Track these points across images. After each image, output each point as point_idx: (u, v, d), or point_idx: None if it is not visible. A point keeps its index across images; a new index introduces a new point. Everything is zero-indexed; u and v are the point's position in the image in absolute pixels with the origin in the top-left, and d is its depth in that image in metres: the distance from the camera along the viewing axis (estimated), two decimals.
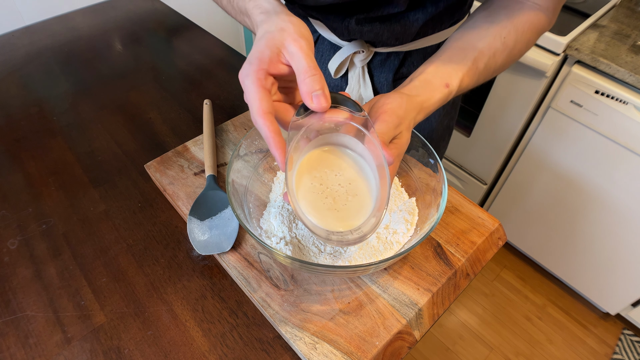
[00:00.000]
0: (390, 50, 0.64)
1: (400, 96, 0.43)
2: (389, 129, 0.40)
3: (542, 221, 1.41)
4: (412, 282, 0.49)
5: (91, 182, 0.63)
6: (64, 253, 0.54)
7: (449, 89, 0.47)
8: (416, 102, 0.44)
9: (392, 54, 0.65)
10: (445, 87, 0.46)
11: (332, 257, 0.48)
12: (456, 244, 0.53)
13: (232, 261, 0.50)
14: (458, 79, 0.47)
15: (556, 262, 1.47)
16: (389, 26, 0.59)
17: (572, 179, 1.24)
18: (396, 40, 0.61)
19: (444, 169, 0.49)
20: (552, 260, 1.48)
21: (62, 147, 0.69)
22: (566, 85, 1.11)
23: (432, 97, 0.46)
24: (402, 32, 0.60)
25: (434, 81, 0.46)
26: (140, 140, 0.70)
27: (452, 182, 1.62)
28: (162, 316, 0.48)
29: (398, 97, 0.43)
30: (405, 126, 0.42)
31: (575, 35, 1.07)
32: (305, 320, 0.45)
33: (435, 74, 0.47)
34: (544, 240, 1.45)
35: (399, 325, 0.45)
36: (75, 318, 0.48)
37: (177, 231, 0.57)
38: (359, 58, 0.64)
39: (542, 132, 1.24)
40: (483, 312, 1.50)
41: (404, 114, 0.42)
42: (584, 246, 1.33)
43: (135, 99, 0.79)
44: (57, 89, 0.80)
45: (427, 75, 0.47)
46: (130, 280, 0.52)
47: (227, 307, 0.49)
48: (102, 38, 0.94)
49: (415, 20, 0.58)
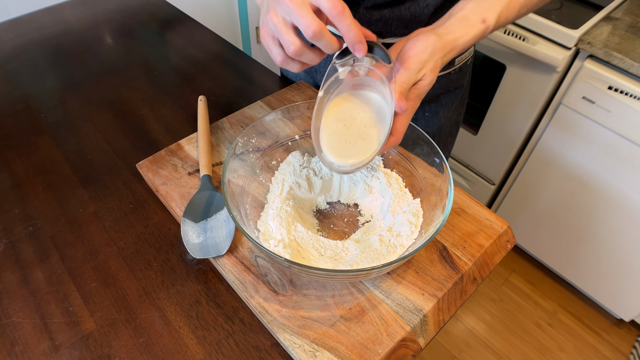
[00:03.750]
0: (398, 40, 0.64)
1: (427, 38, 0.45)
2: (410, 77, 0.44)
3: (552, 223, 1.41)
4: (417, 287, 0.49)
5: (80, 182, 0.63)
6: (51, 257, 0.54)
7: (485, 24, 0.49)
8: (447, 41, 0.46)
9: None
10: (482, 22, 0.48)
11: (332, 261, 0.48)
12: (463, 247, 0.53)
13: (228, 265, 0.50)
14: (496, 14, 0.49)
15: (567, 266, 1.47)
16: (398, 14, 0.59)
17: (584, 178, 1.24)
18: (405, 29, 0.62)
19: (449, 169, 0.49)
20: (563, 264, 1.48)
21: (50, 146, 0.69)
22: (578, 80, 1.11)
23: (467, 34, 0.48)
24: (411, 19, 0.60)
25: (471, 17, 0.48)
26: (132, 139, 0.70)
27: (459, 182, 1.62)
28: (154, 323, 0.48)
29: (425, 39, 0.45)
30: (429, 68, 0.45)
31: (587, 29, 1.07)
32: (304, 327, 0.45)
33: (474, 10, 0.49)
34: (554, 243, 1.45)
35: (402, 332, 0.45)
36: (64, 325, 0.48)
37: (171, 234, 0.57)
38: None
39: (553, 130, 1.24)
40: (491, 318, 1.49)
41: (428, 57, 0.44)
42: (596, 249, 1.33)
43: (126, 95, 0.79)
44: (45, 84, 0.80)
45: (465, 12, 0.49)
46: (121, 285, 0.51)
47: (223, 313, 0.49)
48: (92, 31, 0.94)
49: (425, 7, 0.59)
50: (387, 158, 0.60)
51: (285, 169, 0.58)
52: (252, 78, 0.83)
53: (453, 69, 0.71)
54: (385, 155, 0.60)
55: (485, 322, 1.49)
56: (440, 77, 0.71)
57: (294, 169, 0.58)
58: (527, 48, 1.15)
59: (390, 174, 0.58)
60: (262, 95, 0.76)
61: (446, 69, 0.70)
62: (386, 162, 0.60)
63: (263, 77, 0.84)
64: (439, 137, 0.79)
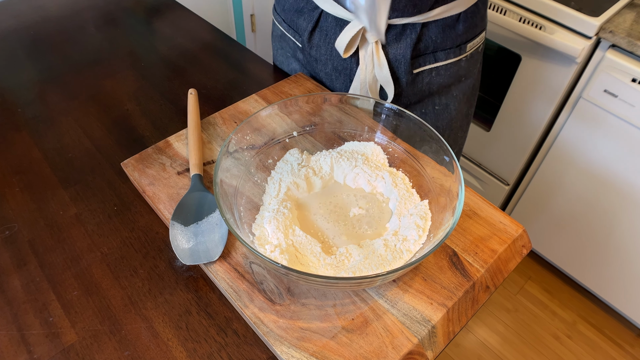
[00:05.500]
0: (406, 21, 0.64)
1: None
2: None
3: (572, 227, 1.41)
4: (425, 295, 0.49)
5: (60, 183, 0.63)
6: (29, 263, 0.54)
7: None
8: None
9: (407, 27, 0.65)
10: None
11: (333, 268, 0.48)
12: (474, 253, 0.53)
13: (220, 272, 0.50)
14: None
15: (588, 273, 1.47)
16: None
17: (605, 178, 1.24)
18: (414, 8, 0.62)
19: (460, 168, 0.49)
20: (583, 271, 1.49)
21: (28, 143, 0.69)
22: (599, 72, 1.11)
23: None
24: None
25: None
26: (116, 135, 0.70)
27: (470, 183, 1.62)
28: (141, 334, 0.48)
29: None
30: None
31: (609, 16, 1.08)
32: (303, 339, 0.45)
33: None
34: (574, 248, 1.45)
35: (409, 344, 0.45)
36: (43, 337, 0.48)
37: (158, 238, 0.57)
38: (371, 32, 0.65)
39: (572, 126, 1.24)
40: (505, 329, 1.50)
41: None
42: (619, 255, 1.33)
43: (110, 88, 0.79)
44: (22, 76, 0.80)
45: None
46: (105, 293, 0.52)
47: (215, 324, 0.49)
48: (73, 19, 0.94)
49: None
50: (392, 156, 0.60)
51: (283, 168, 0.58)
52: (246, 70, 0.83)
53: (464, 55, 0.71)
54: (391, 153, 0.60)
55: (498, 333, 1.49)
56: (450, 65, 0.71)
57: (292, 168, 0.58)
58: (544, 37, 1.15)
59: (396, 173, 0.58)
60: (257, 89, 0.76)
61: (457, 56, 0.71)
62: (391, 161, 0.60)
63: (258, 68, 0.84)
64: (449, 131, 0.79)
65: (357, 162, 0.59)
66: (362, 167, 0.58)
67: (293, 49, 0.78)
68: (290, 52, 0.80)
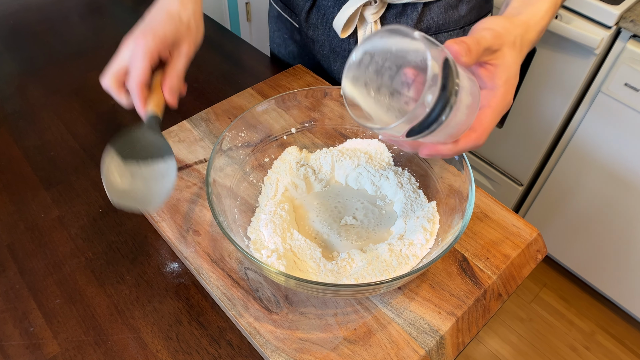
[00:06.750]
0: (406, 0, 0.64)
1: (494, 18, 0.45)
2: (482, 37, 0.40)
3: (590, 230, 1.41)
4: (432, 304, 0.49)
5: (42, 183, 0.63)
6: (8, 269, 0.54)
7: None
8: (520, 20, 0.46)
9: (408, 6, 0.66)
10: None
11: (334, 274, 0.48)
12: (486, 258, 0.53)
13: (213, 279, 0.50)
14: None
15: (607, 280, 1.47)
16: None
17: (626, 178, 1.24)
18: None
19: (470, 167, 0.49)
20: (602, 278, 1.48)
21: (7, 140, 0.69)
22: (619, 64, 1.11)
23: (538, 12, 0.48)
24: None
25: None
26: (102, 132, 0.70)
27: (481, 183, 1.62)
28: (128, 345, 0.48)
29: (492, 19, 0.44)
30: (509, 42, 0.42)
31: (630, 4, 1.07)
32: (301, 351, 0.45)
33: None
34: (592, 254, 1.45)
35: (416, 356, 0.45)
36: (23, 348, 0.48)
37: (147, 242, 0.57)
38: (370, 11, 0.65)
39: (590, 122, 1.24)
40: (518, 340, 1.50)
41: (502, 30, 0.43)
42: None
43: (95, 81, 0.78)
44: (1, 69, 0.80)
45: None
46: (90, 302, 0.51)
47: (208, 334, 0.49)
48: (56, 7, 0.94)
49: None
50: (397, 154, 0.60)
51: (280, 167, 0.58)
52: (241, 62, 0.83)
53: None
54: (396, 151, 0.60)
55: (511, 344, 1.49)
56: None
57: (290, 167, 0.58)
58: (560, 27, 1.15)
59: (402, 173, 0.58)
60: (252, 82, 0.76)
61: None
62: (397, 160, 0.60)
63: (254, 60, 0.84)
64: None
65: (360, 161, 0.59)
66: (365, 167, 0.58)
67: (290, 30, 0.79)
68: (288, 33, 0.80)
